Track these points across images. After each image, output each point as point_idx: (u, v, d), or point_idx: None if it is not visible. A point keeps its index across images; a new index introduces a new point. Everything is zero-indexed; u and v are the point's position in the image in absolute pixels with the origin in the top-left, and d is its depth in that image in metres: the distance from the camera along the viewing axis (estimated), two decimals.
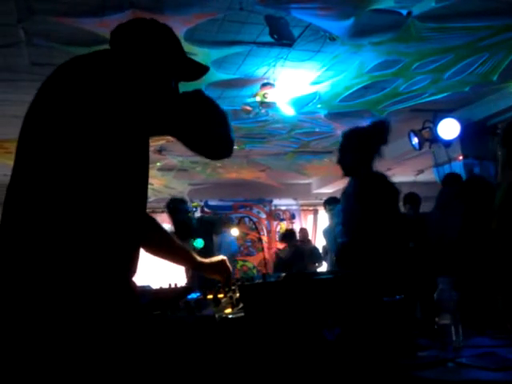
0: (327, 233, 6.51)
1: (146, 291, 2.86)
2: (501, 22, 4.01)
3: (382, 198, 2.96)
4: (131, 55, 1.45)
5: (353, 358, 1.60)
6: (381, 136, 3.03)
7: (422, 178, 8.43)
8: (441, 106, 5.85)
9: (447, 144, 5.92)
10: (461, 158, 6.11)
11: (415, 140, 6.02)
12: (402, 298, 1.81)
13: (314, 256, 7.29)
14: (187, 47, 3.99)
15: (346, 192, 3.20)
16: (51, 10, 3.39)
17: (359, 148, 3.01)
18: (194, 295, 2.57)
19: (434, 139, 5.96)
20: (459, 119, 5.85)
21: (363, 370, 1.54)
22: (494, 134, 5.92)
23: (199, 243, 4.32)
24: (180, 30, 3.76)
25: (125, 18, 3.50)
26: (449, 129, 5.80)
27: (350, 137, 3.09)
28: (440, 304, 1.49)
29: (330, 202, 6.15)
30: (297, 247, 7.29)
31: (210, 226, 4.89)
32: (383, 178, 3.02)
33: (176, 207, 4.49)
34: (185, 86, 1.55)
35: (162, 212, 9.15)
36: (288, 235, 7.46)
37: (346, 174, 3.12)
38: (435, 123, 5.90)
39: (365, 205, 2.95)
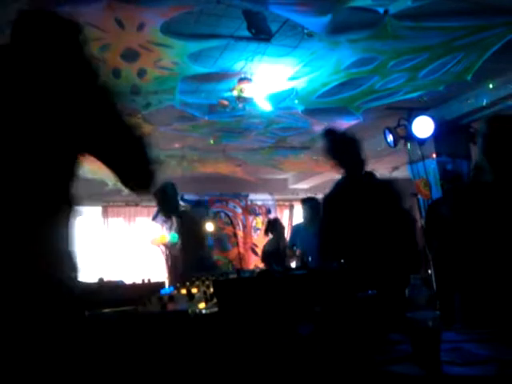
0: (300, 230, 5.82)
1: (119, 286, 2.85)
2: (475, 22, 4.07)
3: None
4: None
5: (326, 353, 1.61)
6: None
7: (396, 174, 8.51)
8: (416, 104, 5.92)
9: (421, 142, 6.00)
10: (434, 155, 6.20)
11: (390, 137, 6.08)
12: (375, 293, 1.83)
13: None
14: (164, 39, 3.95)
15: (338, 194, 3.19)
16: None
17: (358, 147, 3.06)
18: (167, 290, 2.56)
19: (409, 137, 6.04)
20: (433, 117, 5.94)
21: (336, 364, 1.55)
22: (466, 133, 6.02)
23: (174, 238, 4.29)
24: (156, 22, 3.71)
25: (100, 8, 3.44)
26: (423, 127, 5.88)
27: (345, 137, 3.11)
28: (411, 300, 1.50)
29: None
30: (283, 235, 6.77)
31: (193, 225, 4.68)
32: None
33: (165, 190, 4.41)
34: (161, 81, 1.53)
35: (136, 205, 9.14)
36: (273, 223, 6.90)
37: (350, 172, 3.10)
38: (410, 121, 5.97)
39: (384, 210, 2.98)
